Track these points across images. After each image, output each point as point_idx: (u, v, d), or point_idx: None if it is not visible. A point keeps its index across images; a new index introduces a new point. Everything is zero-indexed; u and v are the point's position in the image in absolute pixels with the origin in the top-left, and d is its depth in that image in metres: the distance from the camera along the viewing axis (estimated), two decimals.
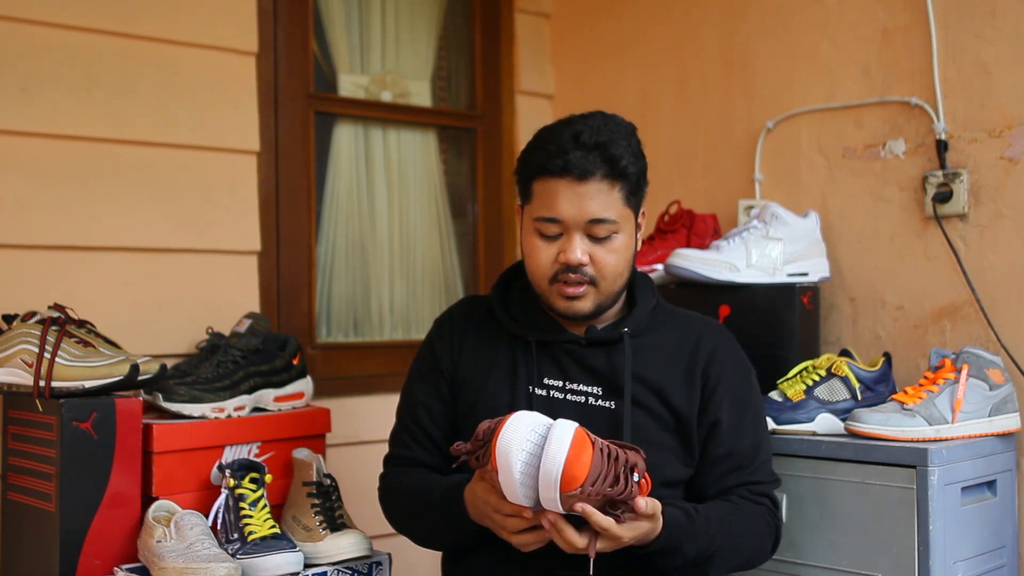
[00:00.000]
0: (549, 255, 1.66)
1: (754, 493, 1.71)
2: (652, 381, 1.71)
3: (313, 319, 2.56)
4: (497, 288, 1.82)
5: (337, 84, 2.67)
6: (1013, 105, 2.04)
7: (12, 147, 2.07)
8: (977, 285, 2.07)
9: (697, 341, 1.76)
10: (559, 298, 1.68)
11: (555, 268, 1.66)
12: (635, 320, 1.74)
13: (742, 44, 2.51)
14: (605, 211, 1.63)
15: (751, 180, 2.47)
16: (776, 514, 1.74)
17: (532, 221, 1.68)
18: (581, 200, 1.62)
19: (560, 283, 1.66)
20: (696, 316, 1.84)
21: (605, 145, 1.61)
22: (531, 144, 1.70)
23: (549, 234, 1.66)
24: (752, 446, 1.73)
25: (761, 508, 1.71)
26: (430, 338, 1.84)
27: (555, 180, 1.62)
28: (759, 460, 1.74)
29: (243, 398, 2.01)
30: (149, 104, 2.23)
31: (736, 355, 1.79)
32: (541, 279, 1.69)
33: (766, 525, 1.70)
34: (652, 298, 1.79)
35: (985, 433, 1.90)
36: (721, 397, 1.72)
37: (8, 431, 1.91)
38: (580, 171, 1.60)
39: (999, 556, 1.92)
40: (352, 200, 2.70)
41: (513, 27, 2.92)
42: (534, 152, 1.67)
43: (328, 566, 1.81)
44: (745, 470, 1.71)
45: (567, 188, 1.62)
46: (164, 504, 1.82)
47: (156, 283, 2.23)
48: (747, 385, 1.78)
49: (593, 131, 1.62)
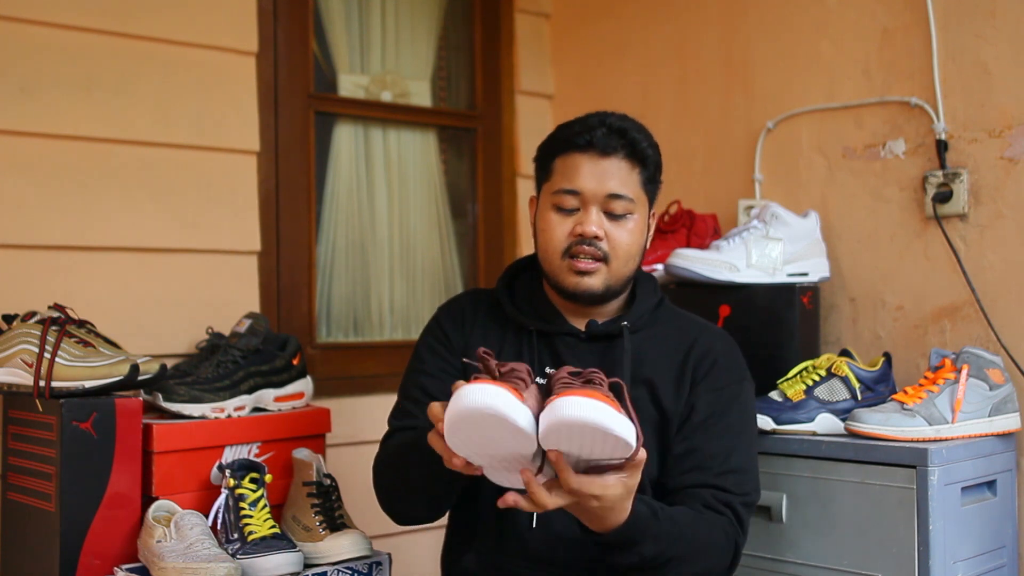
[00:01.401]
0: (565, 229, 1.69)
1: (717, 500, 1.62)
2: (645, 377, 1.70)
3: (313, 319, 2.56)
4: (503, 279, 1.83)
5: (337, 84, 2.67)
6: (1013, 105, 2.04)
7: (12, 147, 2.07)
8: (977, 285, 2.07)
9: (693, 342, 1.75)
10: (570, 273, 1.69)
11: (569, 241, 1.68)
12: (635, 316, 1.74)
13: (742, 44, 2.51)
14: (624, 188, 1.68)
15: (751, 180, 2.47)
16: (739, 531, 1.63)
17: (550, 196, 1.70)
18: (603, 174, 1.67)
19: (572, 259, 1.68)
20: (700, 321, 1.82)
21: (628, 130, 1.69)
22: (554, 131, 1.76)
23: (567, 207, 1.68)
24: (723, 450, 1.66)
25: (723, 519, 1.61)
26: (437, 320, 1.83)
27: (578, 154, 1.68)
28: (728, 467, 1.65)
29: (243, 398, 2.01)
30: (149, 104, 2.23)
31: (731, 361, 1.75)
32: (554, 254, 1.69)
33: (726, 538, 1.61)
34: (654, 296, 1.79)
35: (985, 433, 1.90)
36: (701, 392, 1.70)
37: (8, 431, 1.91)
38: (603, 147, 1.67)
39: (999, 556, 1.92)
40: (352, 200, 2.70)
41: (513, 27, 2.92)
42: (558, 132, 1.73)
43: (328, 566, 1.81)
44: (708, 471, 1.63)
45: (589, 162, 1.67)
46: (164, 504, 1.82)
47: (156, 283, 2.23)
48: (734, 390, 1.73)
49: (618, 118, 1.70)
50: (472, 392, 1.24)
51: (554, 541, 1.65)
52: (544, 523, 1.65)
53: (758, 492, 1.70)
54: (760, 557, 1.95)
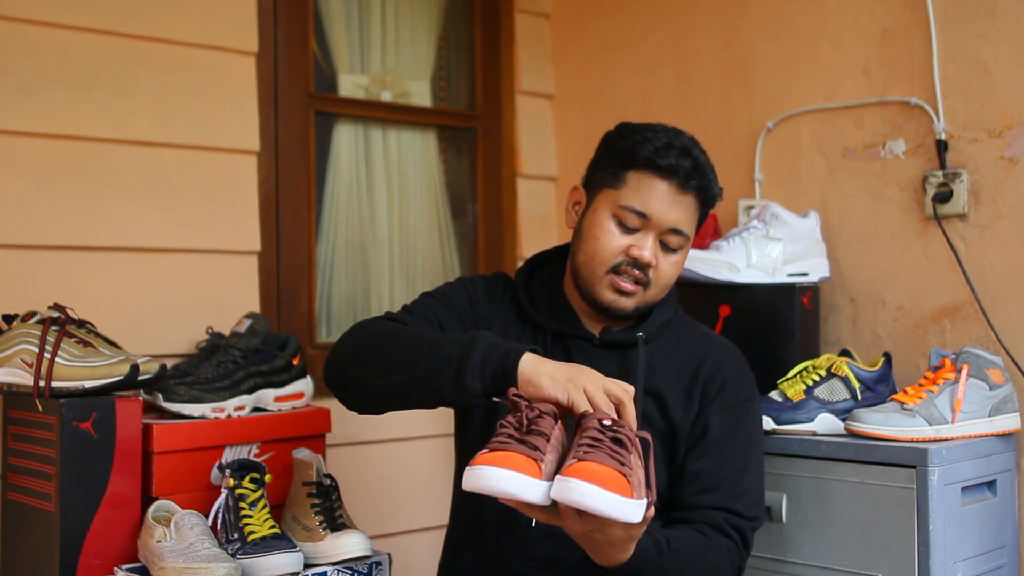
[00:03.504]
0: (620, 244, 1.68)
1: (729, 524, 1.63)
2: (654, 389, 1.71)
3: (313, 319, 2.56)
4: (522, 274, 1.82)
5: (337, 84, 2.67)
6: (1013, 105, 2.04)
7: (12, 147, 2.07)
8: (977, 285, 2.07)
9: (704, 357, 1.75)
10: (609, 289, 1.69)
11: (620, 259, 1.68)
12: (650, 326, 1.74)
13: (742, 44, 2.51)
14: (686, 225, 1.70)
15: (751, 180, 2.47)
16: (743, 555, 1.65)
17: (615, 206, 1.69)
18: (674, 206, 1.67)
19: (616, 275, 1.68)
20: (711, 334, 1.83)
21: (704, 168, 1.69)
22: (631, 134, 1.71)
23: (629, 225, 1.68)
24: (736, 469, 1.67)
25: (730, 544, 1.62)
26: (474, 282, 1.81)
27: (659, 179, 1.67)
28: (742, 487, 1.66)
29: (243, 398, 2.01)
30: (149, 104, 2.23)
31: (740, 378, 1.76)
32: (600, 264, 1.69)
33: (731, 565, 1.62)
34: (670, 307, 1.79)
35: (985, 433, 1.90)
36: (715, 411, 1.70)
37: (8, 431, 1.91)
38: (684, 181, 1.67)
39: (999, 556, 1.92)
40: (352, 200, 2.70)
41: (513, 27, 2.92)
42: (640, 143, 1.68)
43: (328, 566, 1.81)
44: (724, 492, 1.64)
45: (668, 191, 1.67)
46: (164, 504, 1.82)
47: (156, 283, 2.23)
48: (744, 408, 1.74)
49: (700, 151, 1.70)
50: (488, 476, 1.29)
51: (553, 540, 1.65)
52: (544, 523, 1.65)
53: (764, 513, 1.73)
54: (760, 557, 1.95)
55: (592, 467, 1.27)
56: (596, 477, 1.26)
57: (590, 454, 1.30)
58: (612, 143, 1.74)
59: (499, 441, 1.34)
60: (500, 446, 1.33)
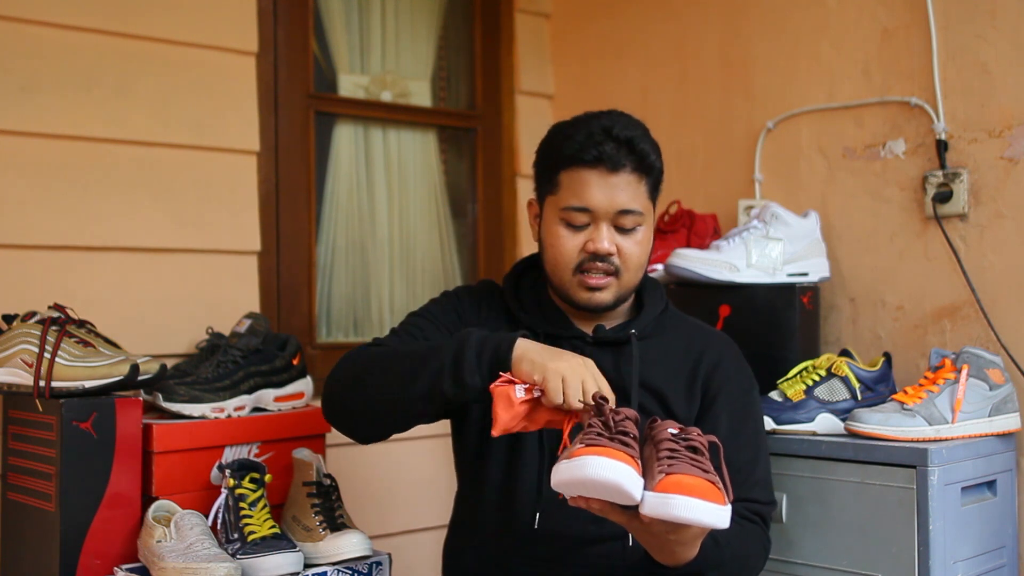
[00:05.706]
0: (575, 244, 1.68)
1: (750, 511, 1.67)
2: (654, 386, 1.71)
3: (313, 319, 2.56)
4: (509, 280, 1.82)
5: (337, 84, 2.67)
6: (1013, 105, 2.04)
7: (12, 147, 2.07)
8: (977, 285, 2.07)
9: (702, 350, 1.76)
10: (581, 289, 1.69)
11: (580, 258, 1.67)
12: (643, 323, 1.75)
13: (742, 44, 2.51)
14: (633, 202, 1.67)
15: (751, 180, 2.47)
16: (767, 537, 1.70)
17: (559, 211, 1.69)
18: (612, 191, 1.65)
19: (583, 274, 1.68)
20: (704, 326, 1.84)
21: (633, 140, 1.65)
22: (555, 136, 1.72)
23: (577, 224, 1.67)
24: (750, 459, 1.70)
25: (757, 529, 1.67)
26: (457, 294, 1.83)
27: (587, 171, 1.65)
28: (756, 476, 1.70)
29: (243, 398, 2.01)
30: (149, 104, 2.23)
31: (740, 369, 1.79)
32: (564, 269, 1.69)
33: (762, 547, 1.68)
34: (660, 302, 1.80)
35: (985, 433, 1.90)
36: (721, 407, 1.72)
37: (8, 431, 1.91)
38: (612, 163, 1.64)
39: (999, 556, 1.92)
40: (352, 200, 2.70)
41: (513, 27, 2.92)
42: (562, 143, 1.68)
43: (328, 566, 1.81)
44: (741, 484, 1.65)
45: (599, 179, 1.65)
46: (164, 504, 1.82)
47: (156, 283, 2.24)
48: (748, 399, 1.77)
49: (622, 126, 1.66)
50: (596, 465, 1.29)
51: (556, 539, 1.65)
52: (546, 521, 1.65)
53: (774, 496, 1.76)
54: None
55: (684, 480, 1.29)
56: (693, 490, 1.27)
57: (674, 466, 1.31)
58: (542, 151, 1.75)
59: (592, 438, 1.34)
60: (595, 441, 1.33)
